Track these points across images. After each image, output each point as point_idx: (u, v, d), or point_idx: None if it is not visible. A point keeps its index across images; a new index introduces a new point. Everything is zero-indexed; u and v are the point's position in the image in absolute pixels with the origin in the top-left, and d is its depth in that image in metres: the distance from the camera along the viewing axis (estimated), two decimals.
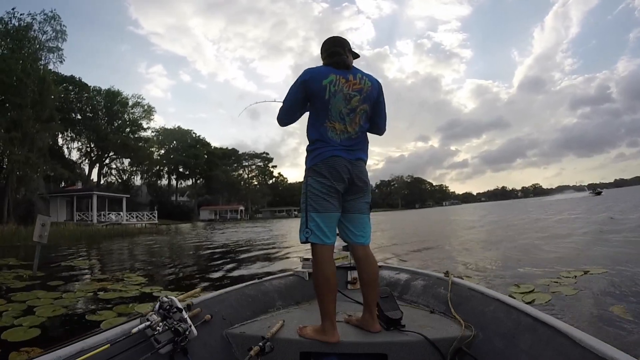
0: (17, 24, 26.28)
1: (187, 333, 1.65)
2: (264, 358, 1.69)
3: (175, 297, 1.77)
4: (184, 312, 1.70)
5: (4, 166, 25.25)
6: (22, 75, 23.91)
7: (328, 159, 1.83)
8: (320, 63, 1.99)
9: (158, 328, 1.56)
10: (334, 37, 2.03)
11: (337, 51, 1.93)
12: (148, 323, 1.55)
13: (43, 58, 28.21)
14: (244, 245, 14.19)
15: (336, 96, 1.83)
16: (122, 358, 1.45)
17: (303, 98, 1.90)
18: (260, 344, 1.69)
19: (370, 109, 1.95)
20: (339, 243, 2.12)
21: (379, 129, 2.10)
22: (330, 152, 1.83)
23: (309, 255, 2.17)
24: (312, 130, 1.90)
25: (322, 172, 1.82)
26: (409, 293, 2.57)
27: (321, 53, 2.00)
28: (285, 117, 1.98)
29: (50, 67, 29.11)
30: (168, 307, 1.66)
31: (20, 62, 24.81)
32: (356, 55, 2.05)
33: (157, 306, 1.67)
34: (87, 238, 20.09)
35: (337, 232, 1.94)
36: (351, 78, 1.87)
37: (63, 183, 40.74)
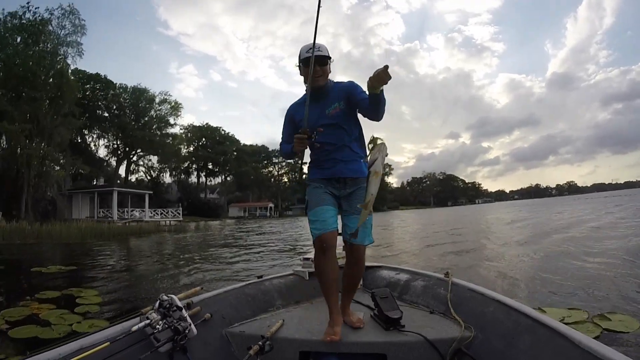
0: (31, 17, 25.87)
1: (187, 332, 1.66)
2: (264, 357, 1.69)
3: (175, 295, 1.76)
4: (183, 310, 1.71)
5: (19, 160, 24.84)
6: (37, 69, 23.34)
7: None
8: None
9: (158, 326, 1.57)
10: None
11: None
12: (148, 321, 1.55)
13: (62, 53, 27.79)
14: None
15: None
16: (122, 356, 1.44)
17: None
18: (260, 343, 1.70)
19: None
20: (338, 243, 2.16)
21: None
22: None
23: (309, 255, 2.55)
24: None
25: None
26: (408, 293, 2.53)
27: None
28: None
29: (69, 61, 28.70)
30: (168, 305, 1.67)
31: (34, 55, 24.30)
32: None
33: (157, 304, 1.66)
34: (95, 236, 19.08)
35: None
36: None
37: (95, 180, 41.08)
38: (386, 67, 1.63)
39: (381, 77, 1.66)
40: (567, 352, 1.39)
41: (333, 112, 2.02)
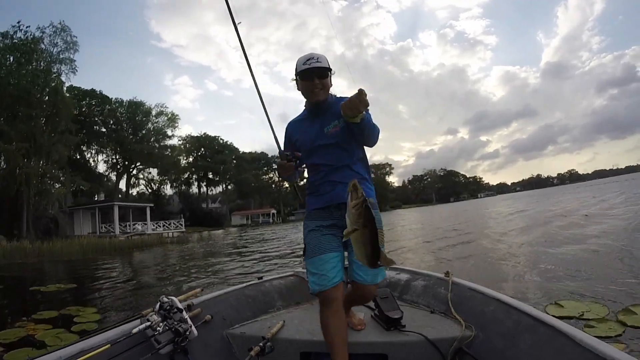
0: (22, 36, 25.92)
1: (188, 333, 1.65)
2: (264, 358, 1.69)
3: (176, 297, 1.75)
4: (184, 312, 1.70)
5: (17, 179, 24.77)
6: (30, 87, 23.29)
7: None
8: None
9: (158, 328, 1.56)
10: None
11: None
12: (148, 323, 1.54)
13: (56, 70, 27.78)
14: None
15: None
16: (123, 358, 1.45)
17: None
18: (261, 344, 1.70)
19: None
20: None
21: None
22: None
23: None
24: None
25: None
26: (409, 293, 2.51)
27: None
28: None
29: (63, 78, 28.69)
30: (168, 307, 1.65)
31: (27, 73, 24.28)
32: None
33: (157, 306, 1.65)
34: (96, 252, 18.92)
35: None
36: None
37: (96, 196, 40.95)
38: (360, 91, 1.39)
39: (354, 104, 1.42)
40: (568, 350, 1.39)
41: (332, 130, 1.79)
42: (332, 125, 1.79)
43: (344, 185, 1.66)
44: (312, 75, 1.77)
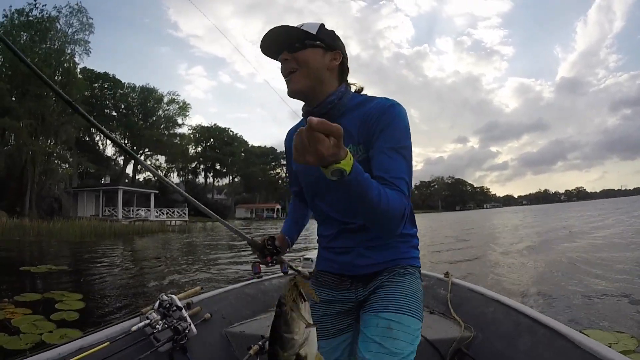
0: (38, 14, 25.88)
1: (187, 331, 1.64)
2: (263, 357, 1.65)
3: (175, 295, 1.73)
4: (183, 310, 1.68)
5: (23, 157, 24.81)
6: (43, 66, 23.22)
7: None
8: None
9: (157, 326, 1.55)
10: None
11: None
12: (148, 321, 1.54)
13: (70, 50, 27.77)
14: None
15: None
16: (122, 356, 1.44)
17: None
18: (260, 342, 1.68)
19: None
20: None
21: None
22: None
23: (309, 255, 2.49)
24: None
25: None
26: None
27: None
28: None
29: (76, 59, 28.71)
30: (168, 305, 1.64)
31: (39, 52, 24.23)
32: None
33: (157, 304, 1.64)
34: (95, 235, 18.78)
35: None
36: None
37: (103, 179, 41.07)
38: (309, 124, 0.68)
39: (297, 148, 0.72)
40: (567, 352, 1.37)
41: None
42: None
43: (368, 250, 1.12)
44: (272, 47, 1.09)
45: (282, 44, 1.06)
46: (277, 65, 1.11)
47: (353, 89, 1.16)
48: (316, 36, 1.06)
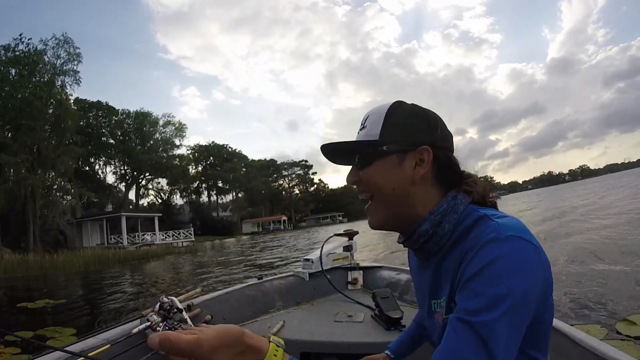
0: (24, 49, 25.91)
1: None
2: None
3: (176, 297, 1.72)
4: (184, 312, 1.68)
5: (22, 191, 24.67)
6: (33, 99, 23.15)
7: None
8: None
9: (158, 328, 1.53)
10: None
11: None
12: (148, 323, 1.53)
13: (59, 82, 27.72)
14: None
15: None
16: (122, 358, 1.43)
17: None
18: None
19: None
20: (338, 244, 2.32)
21: None
22: None
23: (310, 256, 2.50)
24: None
25: None
26: (409, 293, 2.43)
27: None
28: None
29: (67, 89, 28.61)
30: (168, 307, 1.64)
31: (30, 86, 24.20)
32: None
33: (157, 306, 1.63)
34: (99, 263, 18.46)
35: None
36: None
37: (107, 207, 40.90)
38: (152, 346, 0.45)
39: None
40: (567, 351, 1.32)
41: (438, 316, 0.74)
42: (439, 303, 0.74)
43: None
44: (336, 160, 0.80)
45: (342, 159, 0.78)
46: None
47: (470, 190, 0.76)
48: (380, 141, 0.71)
